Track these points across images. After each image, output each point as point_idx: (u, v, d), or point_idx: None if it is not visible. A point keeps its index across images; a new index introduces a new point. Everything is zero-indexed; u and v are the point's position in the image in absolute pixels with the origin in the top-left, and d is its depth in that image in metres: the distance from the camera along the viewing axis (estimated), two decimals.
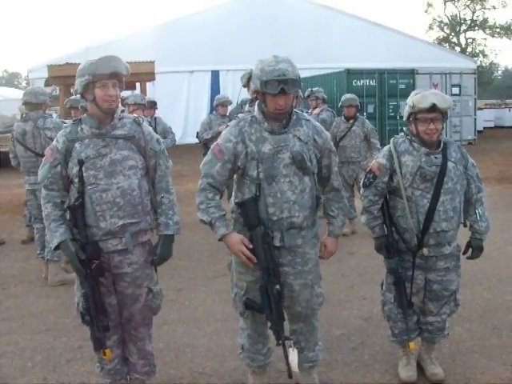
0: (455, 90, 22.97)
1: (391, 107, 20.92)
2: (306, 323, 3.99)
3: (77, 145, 3.61)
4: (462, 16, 49.75)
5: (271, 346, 4.06)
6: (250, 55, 23.13)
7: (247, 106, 7.67)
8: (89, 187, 3.57)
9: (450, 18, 50.09)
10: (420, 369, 4.43)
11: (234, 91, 21.79)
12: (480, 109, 28.05)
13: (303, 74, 23.16)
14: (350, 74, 20.52)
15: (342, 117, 9.24)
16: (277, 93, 3.53)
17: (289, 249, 3.77)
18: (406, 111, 4.13)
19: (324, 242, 3.99)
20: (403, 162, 4.07)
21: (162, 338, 5.01)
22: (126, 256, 3.70)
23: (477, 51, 50.15)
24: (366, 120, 9.40)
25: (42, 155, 6.84)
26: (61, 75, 13.37)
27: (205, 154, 10.69)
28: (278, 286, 3.65)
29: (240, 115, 3.96)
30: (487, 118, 29.09)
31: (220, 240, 3.74)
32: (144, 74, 13.97)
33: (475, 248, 4.24)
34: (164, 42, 22.87)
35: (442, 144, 4.09)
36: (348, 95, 9.61)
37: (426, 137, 4.00)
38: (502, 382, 4.24)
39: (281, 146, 3.68)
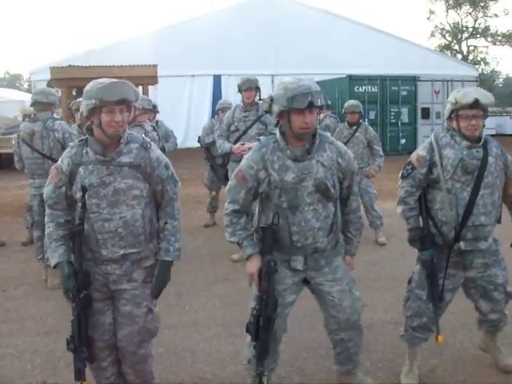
0: None
1: (393, 114, 20.97)
2: (354, 330, 4.00)
3: (81, 169, 3.53)
4: (463, 23, 49.82)
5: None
6: (252, 60, 23.47)
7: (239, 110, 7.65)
8: (91, 215, 3.51)
9: (451, 25, 50.16)
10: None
11: (236, 96, 21.76)
12: None
13: None
14: (352, 80, 20.59)
15: (346, 123, 9.23)
16: (305, 107, 3.51)
17: (312, 269, 3.84)
18: (447, 109, 4.18)
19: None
20: (444, 154, 4.10)
21: (162, 343, 4.99)
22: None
23: (478, 59, 50.18)
24: (369, 126, 9.38)
25: (49, 157, 6.88)
26: (63, 77, 13.37)
27: (206, 159, 10.69)
28: (268, 321, 3.65)
29: (261, 138, 3.92)
30: (488, 125, 28.82)
31: (247, 259, 3.79)
32: (146, 77, 14.01)
33: None
34: (166, 46, 22.89)
35: (482, 139, 4.13)
36: (351, 101, 9.59)
37: (467, 133, 4.05)
38: None
39: (304, 173, 3.68)
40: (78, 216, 3.51)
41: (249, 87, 7.56)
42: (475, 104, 3.95)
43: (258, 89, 7.70)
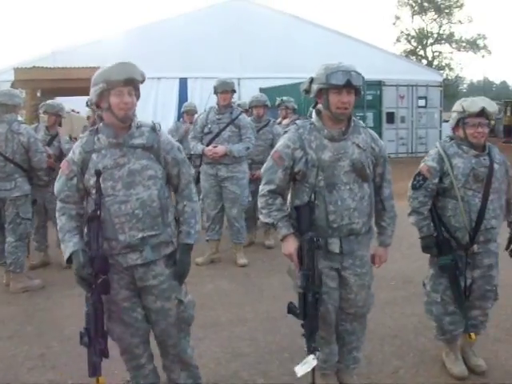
0: (421, 102, 23.28)
1: (358, 118, 20.91)
2: (359, 322, 4.07)
3: (93, 155, 3.48)
4: (429, 29, 50.59)
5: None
6: (219, 63, 23.45)
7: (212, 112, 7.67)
8: (107, 199, 3.43)
9: (417, 31, 50.82)
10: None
11: (202, 99, 21.82)
12: (446, 121, 28.27)
13: (271, 84, 23.07)
14: None
15: None
16: (343, 84, 3.58)
17: (349, 254, 3.83)
18: (453, 117, 4.38)
19: (376, 252, 4.06)
20: (454, 164, 4.29)
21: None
22: (149, 268, 3.54)
23: (443, 64, 50.97)
24: None
25: (12, 161, 6.78)
26: (28, 79, 13.17)
27: None
28: (317, 295, 3.65)
29: (298, 121, 3.97)
30: None
31: (282, 240, 3.80)
32: None
33: None
34: (132, 48, 22.65)
35: (487, 147, 4.34)
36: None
37: (474, 140, 4.25)
38: None
39: (341, 153, 3.73)
40: (94, 201, 3.45)
41: (225, 90, 7.59)
42: (481, 112, 4.18)
43: (233, 91, 7.73)
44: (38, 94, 13.52)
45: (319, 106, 3.81)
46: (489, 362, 4.61)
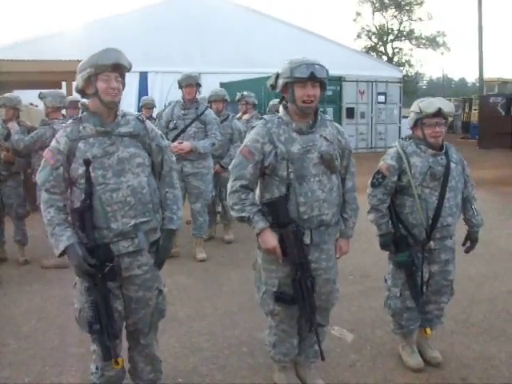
0: (381, 98, 23.47)
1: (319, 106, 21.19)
2: (322, 317, 4.09)
3: (80, 144, 3.46)
4: (389, 26, 51.00)
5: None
6: (179, 57, 23.34)
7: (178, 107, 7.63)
8: (98, 188, 3.43)
9: (377, 27, 51.21)
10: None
11: (162, 93, 21.69)
12: (405, 117, 28.55)
13: (231, 78, 23.00)
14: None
15: None
16: (307, 77, 3.64)
17: (316, 246, 3.87)
18: (410, 118, 4.48)
19: (338, 243, 4.09)
20: (412, 162, 4.37)
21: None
22: (135, 258, 3.57)
23: (403, 61, 51.48)
24: None
25: None
26: None
27: None
28: (311, 279, 3.75)
29: (265, 116, 4.01)
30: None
31: (257, 235, 3.80)
32: (70, 72, 13.69)
33: (474, 240, 4.67)
34: (92, 41, 22.28)
35: (444, 147, 4.43)
36: (275, 100, 9.64)
37: (432, 140, 4.35)
38: (420, 383, 4.35)
39: (309, 145, 3.79)
40: (84, 190, 3.42)
41: (189, 83, 7.55)
42: (438, 112, 4.26)
43: (198, 85, 7.70)
44: None
45: (285, 99, 3.87)
46: (445, 355, 4.69)
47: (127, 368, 3.89)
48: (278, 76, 3.83)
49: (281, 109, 3.91)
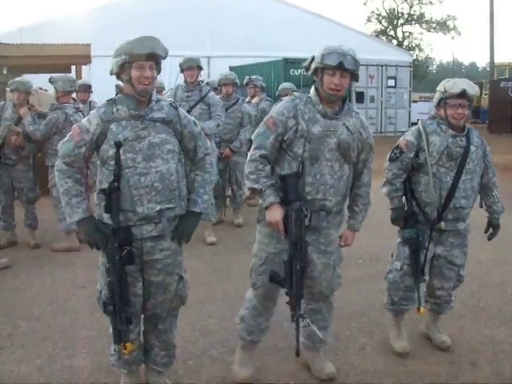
0: (391, 82, 23.41)
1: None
2: (325, 302, 4.12)
3: (113, 126, 3.48)
4: (399, 10, 50.57)
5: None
6: (188, 41, 23.24)
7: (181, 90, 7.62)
8: (126, 170, 3.45)
9: (388, 11, 50.83)
10: (427, 338, 4.77)
11: (171, 76, 21.56)
12: (415, 101, 28.52)
13: (241, 62, 22.88)
14: (288, 63, 20.56)
15: None
16: (335, 65, 3.64)
17: (314, 229, 3.86)
18: (436, 97, 4.47)
19: (344, 234, 4.10)
20: (431, 141, 4.38)
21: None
22: (158, 242, 3.58)
23: (413, 45, 51.10)
24: None
25: None
26: None
27: None
28: (302, 264, 3.71)
29: (295, 93, 4.04)
30: (421, 110, 29.39)
31: (266, 208, 3.79)
32: (79, 56, 13.66)
33: (495, 226, 4.66)
34: (101, 25, 22.45)
35: (466, 129, 4.43)
36: (285, 84, 9.67)
37: (453, 121, 4.35)
38: (429, 367, 4.35)
39: (330, 130, 3.81)
40: (113, 172, 3.44)
41: (190, 66, 7.56)
42: (462, 94, 4.24)
43: (199, 68, 7.69)
44: (5, 72, 13.31)
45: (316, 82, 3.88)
46: (454, 339, 4.70)
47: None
48: (312, 59, 3.83)
49: (312, 89, 3.91)
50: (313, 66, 3.80)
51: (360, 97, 22.57)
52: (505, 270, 6.57)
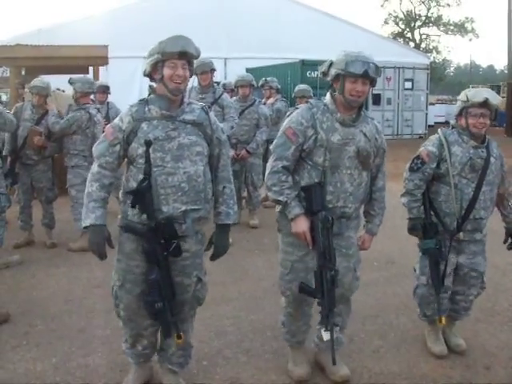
0: (408, 85, 23.35)
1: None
2: (345, 305, 4.15)
3: (144, 125, 3.52)
4: (417, 12, 50.48)
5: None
6: (205, 43, 22.86)
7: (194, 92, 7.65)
8: (154, 169, 3.49)
9: (405, 13, 50.71)
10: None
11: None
12: (432, 104, 28.48)
13: (257, 64, 22.87)
14: (305, 65, 20.56)
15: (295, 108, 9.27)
16: (360, 74, 3.66)
17: (335, 234, 3.87)
18: (457, 106, 4.45)
19: (362, 237, 4.14)
20: (453, 151, 4.36)
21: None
22: (180, 243, 3.60)
23: (430, 47, 50.99)
24: None
25: None
26: (11, 56, 13.01)
27: None
28: (332, 272, 3.72)
29: (311, 100, 4.06)
30: (438, 113, 29.52)
31: (292, 220, 3.82)
32: (97, 58, 13.72)
33: None
34: (118, 27, 22.58)
35: (486, 140, 4.41)
36: (301, 86, 9.65)
37: (474, 130, 4.31)
38: (444, 370, 4.34)
39: (349, 138, 3.82)
40: (143, 171, 3.49)
41: (204, 70, 7.56)
42: (485, 103, 4.22)
43: (213, 70, 7.71)
44: (23, 72, 13.41)
45: (334, 88, 3.88)
46: (469, 342, 4.68)
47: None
48: (331, 64, 3.83)
49: (328, 96, 3.91)
50: (333, 72, 3.79)
51: (377, 99, 22.52)
52: None
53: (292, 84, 19.48)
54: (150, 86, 3.63)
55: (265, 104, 9.77)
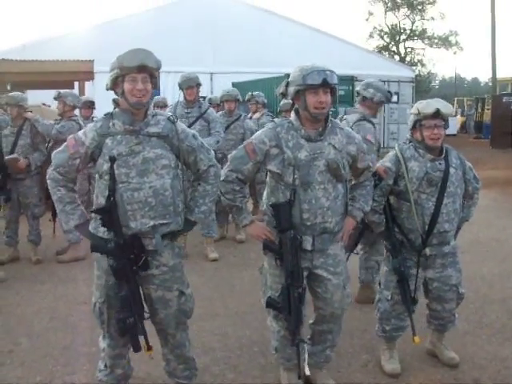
0: (393, 98, 23.38)
1: (330, 113, 21.12)
2: (335, 324, 4.10)
3: (108, 140, 3.49)
4: (401, 26, 50.86)
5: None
6: (191, 57, 23.38)
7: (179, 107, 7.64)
8: (120, 185, 3.45)
9: (390, 27, 51.08)
10: (432, 355, 4.72)
11: (175, 93, 21.65)
12: None
13: (243, 78, 22.98)
14: None
15: None
16: (319, 83, 3.63)
17: (321, 251, 3.87)
18: (410, 120, 4.40)
19: (345, 221, 4.06)
20: (410, 167, 4.32)
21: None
22: (154, 257, 3.59)
23: (415, 60, 51.31)
24: None
25: None
26: None
27: None
28: (300, 290, 3.72)
29: (276, 120, 4.05)
30: None
31: (244, 227, 3.97)
32: (82, 72, 13.76)
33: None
34: (103, 42, 22.53)
35: (444, 151, 4.35)
36: (286, 100, 9.63)
37: (430, 142, 4.26)
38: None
39: (317, 153, 3.78)
40: (108, 187, 3.45)
41: (190, 86, 7.55)
42: (437, 113, 4.18)
43: (198, 85, 7.69)
44: (8, 87, 13.37)
45: (297, 106, 3.86)
46: (457, 355, 4.65)
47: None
48: (288, 84, 3.83)
49: (292, 114, 3.90)
50: (291, 90, 3.78)
51: None
52: (508, 285, 6.52)
53: (278, 98, 19.51)
54: (114, 100, 3.61)
55: (251, 118, 9.78)
